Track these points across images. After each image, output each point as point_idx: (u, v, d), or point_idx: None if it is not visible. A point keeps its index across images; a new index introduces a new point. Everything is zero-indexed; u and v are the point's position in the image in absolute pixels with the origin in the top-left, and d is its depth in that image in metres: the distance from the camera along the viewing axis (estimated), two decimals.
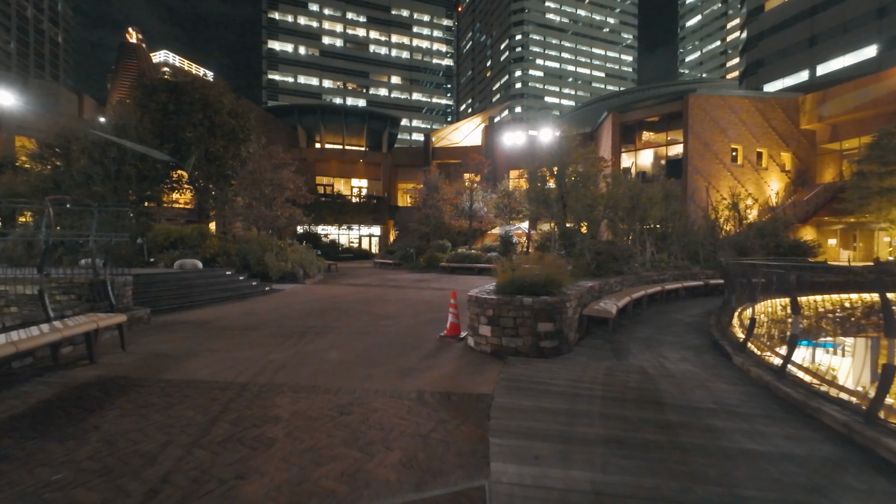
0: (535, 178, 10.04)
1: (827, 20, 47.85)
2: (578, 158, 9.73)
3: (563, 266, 6.41)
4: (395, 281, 16.28)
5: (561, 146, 10.04)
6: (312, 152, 39.96)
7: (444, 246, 23.85)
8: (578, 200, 9.26)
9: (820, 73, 48.50)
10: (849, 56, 46.17)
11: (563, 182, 9.14)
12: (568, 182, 9.10)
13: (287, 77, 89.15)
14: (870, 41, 44.75)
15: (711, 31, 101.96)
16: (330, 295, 11.67)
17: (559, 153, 10.07)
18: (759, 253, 17.95)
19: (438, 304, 10.26)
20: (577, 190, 9.22)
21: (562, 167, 9.82)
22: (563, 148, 9.95)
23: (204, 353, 5.38)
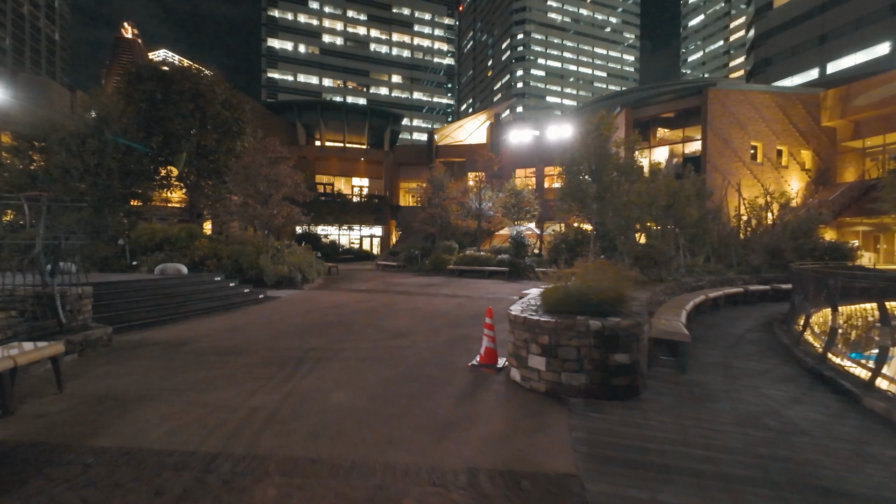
0: (571, 172, 8.76)
1: (838, 17, 46.72)
2: (618, 148, 8.45)
3: (625, 275, 5.09)
4: (401, 286, 14.95)
5: (597, 135, 8.76)
6: (312, 150, 38.63)
7: (451, 247, 22.53)
8: (618, 197, 8.00)
9: (830, 71, 47.42)
10: (860, 54, 45.07)
11: (600, 177, 7.87)
12: (606, 177, 7.84)
13: (287, 76, 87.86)
14: (883, 38, 43.61)
15: (714, 30, 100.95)
16: (331, 304, 10.34)
17: (596, 143, 8.79)
18: (793, 255, 16.68)
19: (456, 315, 8.93)
20: (619, 186, 7.94)
21: (601, 159, 8.54)
22: (601, 137, 8.67)
23: (167, 395, 4.05)
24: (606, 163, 8.42)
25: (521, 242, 20.38)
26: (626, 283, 4.84)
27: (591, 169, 8.38)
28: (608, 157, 8.52)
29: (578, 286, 4.68)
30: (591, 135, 8.84)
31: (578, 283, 4.78)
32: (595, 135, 8.80)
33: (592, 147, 8.79)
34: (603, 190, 7.86)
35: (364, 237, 39.48)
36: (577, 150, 9.02)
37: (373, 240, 39.86)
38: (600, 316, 4.44)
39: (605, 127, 8.82)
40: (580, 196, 8.30)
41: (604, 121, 8.76)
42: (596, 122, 8.82)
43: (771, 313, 10.46)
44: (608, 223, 8.01)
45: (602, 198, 7.85)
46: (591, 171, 8.43)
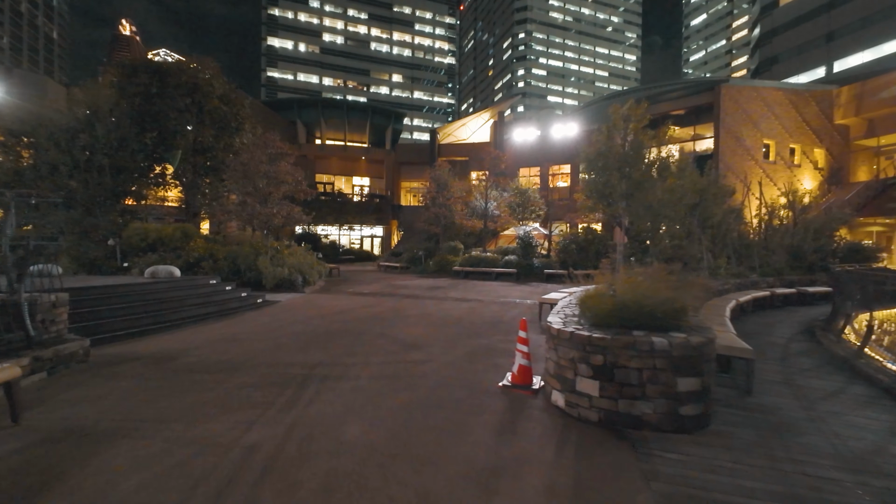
0: (596, 168, 8.05)
1: (845, 15, 46.20)
2: (650, 141, 7.76)
3: (688, 282, 4.38)
4: (407, 288, 14.25)
5: (624, 128, 8.08)
6: (312, 148, 37.93)
7: (455, 248, 21.83)
8: (651, 195, 7.32)
9: (837, 69, 46.99)
10: (868, 52, 44.57)
11: (629, 174, 7.19)
12: (636, 173, 7.15)
13: (287, 74, 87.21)
14: (891, 36, 43.10)
15: (716, 30, 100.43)
16: (335, 309, 9.63)
17: (624, 137, 8.10)
18: (815, 257, 16.00)
19: (471, 322, 8.23)
20: (650, 182, 7.26)
21: (631, 154, 7.84)
22: (628, 130, 7.99)
23: (146, 428, 3.34)
24: (638, 157, 7.74)
25: (528, 243, 19.69)
26: (688, 291, 4.14)
27: (619, 164, 7.69)
28: (639, 151, 7.84)
29: (634, 294, 3.97)
30: (619, 127, 8.17)
31: (631, 291, 4.08)
32: (622, 127, 8.12)
33: (620, 140, 8.11)
34: (633, 187, 7.19)
35: (365, 237, 38.79)
36: (602, 143, 8.32)
37: (374, 240, 39.18)
38: (659, 331, 3.75)
39: (635, 119, 8.15)
40: (607, 193, 7.62)
41: (633, 112, 8.09)
42: (624, 114, 8.15)
43: (804, 318, 9.79)
44: (638, 223, 7.33)
45: (631, 195, 7.18)
46: (618, 167, 7.75)
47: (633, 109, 8.15)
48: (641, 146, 7.87)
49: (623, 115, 8.12)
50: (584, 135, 34.57)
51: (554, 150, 34.68)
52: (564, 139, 33.53)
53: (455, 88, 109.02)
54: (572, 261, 18.49)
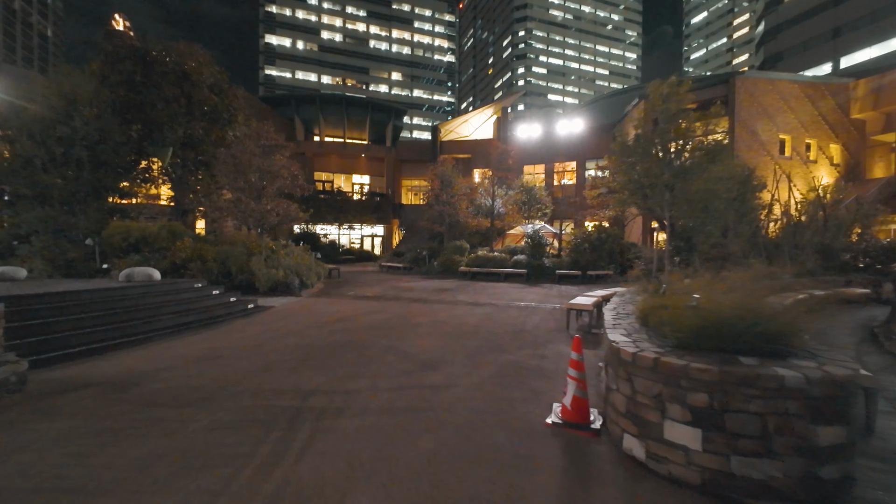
0: (635, 153, 7.04)
1: (852, 10, 45.40)
2: (695, 126, 6.76)
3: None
4: (412, 291, 13.24)
5: (665, 109, 7.07)
6: (311, 146, 36.89)
7: (461, 248, 20.82)
8: (695, 185, 6.31)
9: (843, 65, 46.26)
10: (875, 48, 43.82)
11: (672, 161, 6.19)
12: (682, 161, 6.16)
13: (285, 72, 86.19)
14: None
15: (717, 28, 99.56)
16: (335, 316, 8.61)
17: (665, 119, 7.08)
18: (845, 256, 15.01)
19: (490, 332, 7.21)
20: (698, 170, 6.26)
21: (679, 136, 6.83)
22: (671, 112, 6.97)
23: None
24: (684, 141, 6.73)
25: (538, 242, 18.68)
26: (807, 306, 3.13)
27: (660, 151, 6.69)
28: (684, 134, 6.82)
29: (734, 305, 2.96)
30: (658, 109, 7.18)
31: (727, 300, 3.07)
32: (662, 108, 7.13)
33: (661, 123, 7.11)
34: (676, 176, 6.20)
35: (365, 237, 37.77)
36: (639, 124, 7.31)
37: (374, 239, 38.16)
38: (773, 357, 2.75)
39: (677, 98, 7.15)
40: (647, 183, 6.61)
41: (674, 91, 7.08)
42: (664, 93, 7.14)
43: (854, 322, 8.85)
44: (681, 218, 6.34)
45: (673, 186, 6.19)
46: (660, 153, 6.75)
47: (674, 87, 7.15)
48: (686, 129, 6.86)
49: (662, 94, 7.13)
50: (590, 131, 33.67)
51: (559, 147, 33.73)
52: (570, 136, 32.59)
53: (455, 87, 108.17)
54: (585, 261, 17.51)
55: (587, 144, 32.93)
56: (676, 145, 6.73)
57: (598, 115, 37.85)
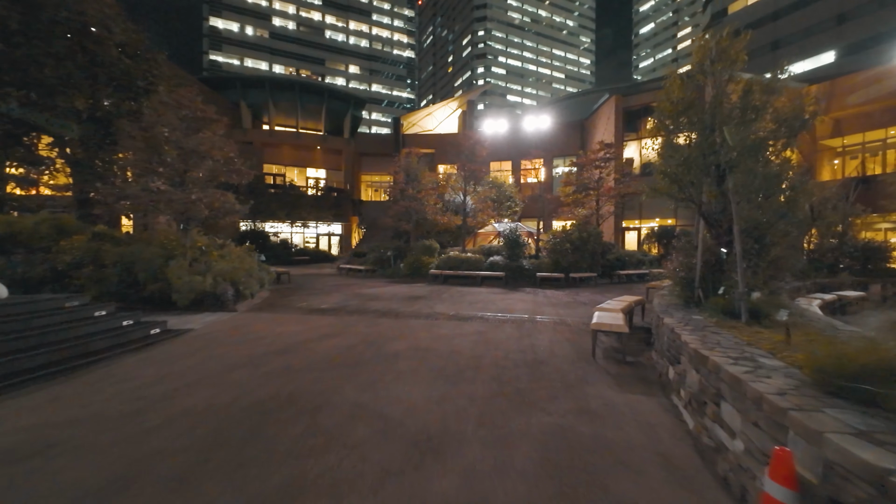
0: (681, 124, 5.42)
1: (789, 25, 48.30)
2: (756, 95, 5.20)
3: None
4: (379, 299, 11.06)
5: (718, 70, 5.48)
6: (259, 134, 33.32)
7: (431, 248, 18.81)
8: (764, 169, 4.80)
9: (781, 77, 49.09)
10: (808, 61, 46.89)
11: (729, 140, 4.65)
12: (739, 139, 4.64)
13: (232, 59, 79.76)
14: (829, 47, 45.51)
15: (663, 39, 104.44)
16: (277, 344, 6.30)
17: (720, 85, 5.49)
18: (832, 257, 14.66)
19: (496, 365, 5.27)
20: (758, 153, 4.71)
21: (744, 104, 5.24)
22: (720, 85, 5.40)
23: None
24: (753, 108, 5.17)
25: (516, 242, 17.06)
26: None
27: (719, 121, 5.09)
28: (759, 98, 5.24)
29: None
30: (708, 70, 5.60)
31: None
32: (712, 70, 5.55)
33: (713, 88, 5.54)
34: (745, 156, 4.65)
35: (321, 236, 34.70)
36: (687, 88, 5.68)
37: (331, 239, 35.18)
38: None
39: (732, 57, 5.58)
40: (704, 165, 5.00)
41: (731, 46, 5.51)
42: (713, 50, 5.57)
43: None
44: (751, 209, 4.80)
45: (735, 165, 4.62)
46: (716, 125, 5.15)
47: (732, 42, 5.61)
48: (752, 93, 5.31)
49: (710, 52, 5.57)
50: (558, 128, 32.86)
51: (526, 143, 32.66)
52: (537, 133, 31.53)
53: (415, 83, 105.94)
54: (567, 262, 16.11)
55: (555, 142, 32.08)
56: (746, 114, 5.13)
57: (564, 113, 37.21)
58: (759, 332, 3.87)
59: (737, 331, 3.95)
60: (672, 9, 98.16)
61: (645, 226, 26.14)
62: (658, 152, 5.83)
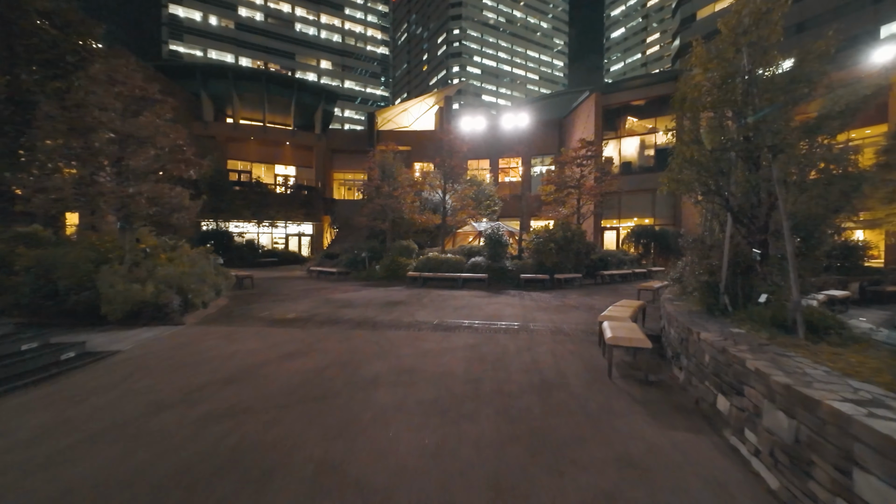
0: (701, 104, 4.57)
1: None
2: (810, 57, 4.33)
3: None
4: (353, 306, 9.91)
5: (761, 39, 4.63)
6: (222, 128, 31.20)
7: (409, 248, 17.73)
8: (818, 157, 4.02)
9: None
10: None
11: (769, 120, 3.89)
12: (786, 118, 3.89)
13: (194, 50, 75.67)
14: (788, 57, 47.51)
15: (633, 44, 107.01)
16: (227, 370, 5.11)
17: (758, 53, 4.67)
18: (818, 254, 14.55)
19: (498, 390, 4.32)
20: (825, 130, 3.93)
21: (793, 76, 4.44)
22: (767, 42, 4.56)
23: None
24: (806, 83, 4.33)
25: (498, 242, 16.24)
26: None
27: (750, 100, 4.32)
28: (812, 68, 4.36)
29: None
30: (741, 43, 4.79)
31: None
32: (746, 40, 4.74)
33: (746, 60, 4.70)
34: (797, 137, 3.89)
35: (291, 236, 32.87)
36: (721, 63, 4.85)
37: (301, 239, 33.40)
38: None
39: (776, 17, 4.75)
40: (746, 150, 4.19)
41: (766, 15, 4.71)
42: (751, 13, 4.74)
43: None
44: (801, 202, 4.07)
45: (780, 149, 3.87)
46: (748, 107, 4.37)
47: (774, 4, 4.77)
48: (807, 62, 4.50)
49: (743, 22, 4.78)
50: (536, 127, 32.39)
51: (504, 142, 32.09)
52: (515, 131, 30.98)
53: (389, 81, 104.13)
54: (551, 263, 15.42)
55: (533, 140, 31.60)
56: (797, 87, 4.36)
57: (541, 112, 36.86)
58: (837, 353, 3.09)
59: (808, 352, 3.16)
60: (641, 14, 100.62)
61: (622, 225, 25.96)
62: (684, 138, 5.03)
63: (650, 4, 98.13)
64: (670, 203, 24.02)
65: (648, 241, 22.41)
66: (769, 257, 4.73)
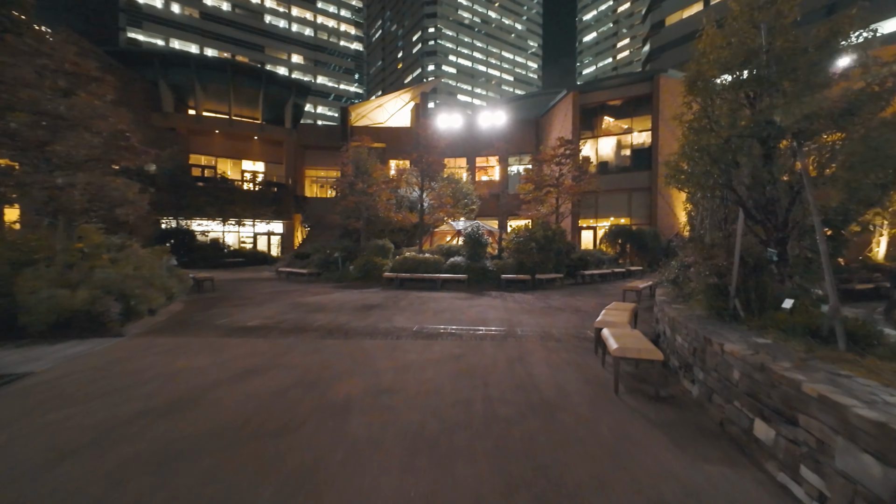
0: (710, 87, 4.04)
1: None
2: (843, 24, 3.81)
3: None
4: (324, 310, 9.07)
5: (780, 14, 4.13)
6: (184, 120, 29.31)
7: (384, 248, 16.90)
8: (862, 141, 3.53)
9: None
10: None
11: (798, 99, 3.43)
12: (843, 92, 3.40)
13: (155, 38, 71.58)
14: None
15: (604, 48, 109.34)
16: (166, 392, 4.24)
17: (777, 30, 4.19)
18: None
19: (492, 413, 3.68)
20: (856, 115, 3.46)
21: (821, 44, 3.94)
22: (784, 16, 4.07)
23: None
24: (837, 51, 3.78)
25: (478, 241, 15.69)
26: None
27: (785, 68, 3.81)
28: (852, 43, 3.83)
29: None
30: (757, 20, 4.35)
31: None
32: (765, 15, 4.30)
33: (766, 36, 4.21)
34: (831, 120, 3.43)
35: (259, 235, 31.28)
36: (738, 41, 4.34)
37: (271, 238, 31.86)
38: None
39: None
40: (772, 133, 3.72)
41: None
42: None
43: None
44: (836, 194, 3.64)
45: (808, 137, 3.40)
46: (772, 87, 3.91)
47: None
48: (841, 34, 4.02)
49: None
50: (513, 125, 32.10)
51: (481, 140, 31.67)
52: (492, 130, 30.58)
53: (363, 77, 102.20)
54: (532, 263, 15.00)
55: (510, 139, 31.30)
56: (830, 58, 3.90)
57: (518, 111, 36.67)
58: None
59: (864, 370, 2.68)
60: (612, 20, 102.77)
61: (599, 225, 25.99)
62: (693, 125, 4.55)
63: (620, 10, 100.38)
64: (646, 203, 24.20)
65: (625, 241, 22.44)
66: (788, 258, 4.33)
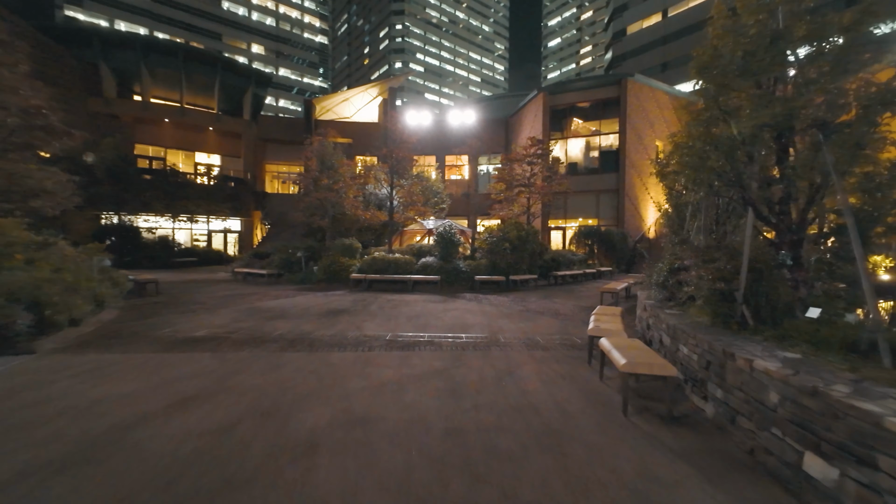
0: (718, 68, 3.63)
1: (675, 50, 53.77)
2: None
3: None
4: (285, 316, 8.15)
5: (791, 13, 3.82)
6: (129, 107, 26.84)
7: (351, 247, 15.95)
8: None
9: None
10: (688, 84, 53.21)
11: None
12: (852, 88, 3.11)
13: (97, 18, 65.85)
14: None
15: (568, 54, 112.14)
16: (73, 433, 3.31)
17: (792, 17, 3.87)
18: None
19: (495, 451, 3.04)
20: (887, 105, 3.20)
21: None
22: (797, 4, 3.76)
23: None
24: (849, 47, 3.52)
25: (451, 241, 15.10)
26: None
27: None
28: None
29: None
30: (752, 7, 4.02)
31: None
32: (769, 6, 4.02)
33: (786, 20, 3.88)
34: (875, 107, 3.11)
35: (215, 232, 29.18)
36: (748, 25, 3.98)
37: (228, 236, 29.82)
38: None
39: None
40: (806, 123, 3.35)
41: None
42: None
43: None
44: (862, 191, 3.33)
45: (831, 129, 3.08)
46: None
47: None
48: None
49: None
50: (484, 124, 31.82)
51: (451, 139, 31.14)
52: (462, 128, 30.15)
53: (328, 72, 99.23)
54: (505, 264, 14.61)
55: (480, 138, 31.00)
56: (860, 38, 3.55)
57: (487, 111, 36.50)
58: None
59: None
60: (576, 27, 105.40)
61: (568, 225, 26.16)
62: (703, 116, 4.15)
63: (584, 18, 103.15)
64: (613, 204, 24.57)
65: (594, 242, 22.64)
66: (803, 262, 4.03)
